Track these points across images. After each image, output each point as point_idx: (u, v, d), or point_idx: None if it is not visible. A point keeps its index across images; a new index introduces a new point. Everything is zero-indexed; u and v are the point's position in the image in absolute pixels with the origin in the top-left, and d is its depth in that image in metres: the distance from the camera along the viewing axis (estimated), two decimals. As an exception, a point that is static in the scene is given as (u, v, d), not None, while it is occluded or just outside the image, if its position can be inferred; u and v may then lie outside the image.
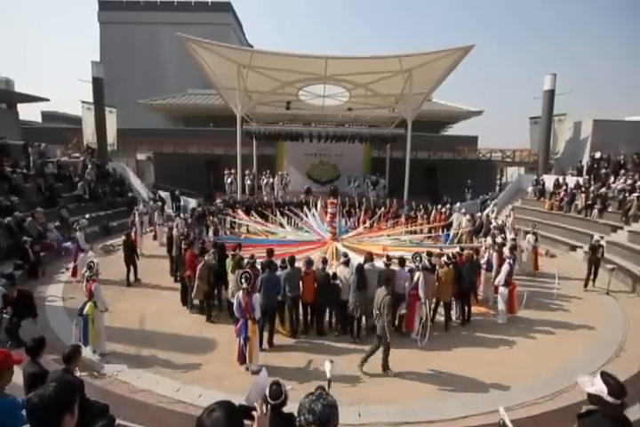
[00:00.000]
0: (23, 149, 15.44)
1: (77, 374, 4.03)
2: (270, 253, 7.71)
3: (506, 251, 8.91)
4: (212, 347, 6.63)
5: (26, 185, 13.41)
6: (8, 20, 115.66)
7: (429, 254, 8.02)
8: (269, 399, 2.52)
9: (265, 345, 6.61)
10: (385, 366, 5.94)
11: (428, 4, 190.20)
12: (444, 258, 7.84)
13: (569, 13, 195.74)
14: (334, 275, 7.16)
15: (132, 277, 9.77)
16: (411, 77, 18.04)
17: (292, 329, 7.18)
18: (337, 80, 19.06)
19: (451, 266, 7.64)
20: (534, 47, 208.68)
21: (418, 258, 7.33)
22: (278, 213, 15.79)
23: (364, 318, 7.13)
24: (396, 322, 7.30)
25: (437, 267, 7.66)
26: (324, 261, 7.50)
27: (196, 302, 8.11)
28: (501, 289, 7.88)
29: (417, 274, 6.99)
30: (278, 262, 7.40)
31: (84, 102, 20.66)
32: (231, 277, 7.32)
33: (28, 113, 60.88)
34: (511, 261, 8.12)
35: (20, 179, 13.43)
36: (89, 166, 17.34)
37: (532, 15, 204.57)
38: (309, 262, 7.25)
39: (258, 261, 7.57)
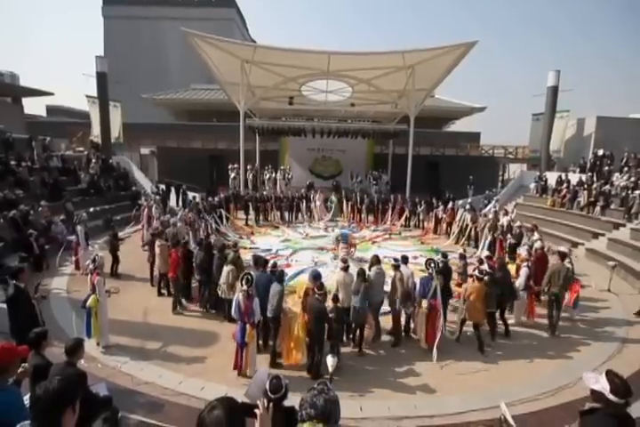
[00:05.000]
0: (28, 142, 15.47)
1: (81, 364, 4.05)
2: (268, 264, 7.01)
3: (523, 253, 8.47)
4: (214, 340, 6.68)
5: (30, 179, 13.43)
6: (14, 15, 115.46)
7: (444, 256, 7.58)
8: (270, 393, 2.52)
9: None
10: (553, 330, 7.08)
11: (431, 1, 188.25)
12: (476, 272, 6.60)
13: (573, 11, 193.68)
14: (336, 297, 6.08)
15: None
16: (413, 73, 17.97)
17: (274, 356, 5.98)
18: (340, 76, 19.01)
19: (486, 278, 6.54)
20: (538, 44, 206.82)
21: (432, 264, 6.64)
22: (275, 208, 15.93)
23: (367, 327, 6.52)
24: (404, 324, 6.96)
25: (454, 269, 7.21)
26: (322, 290, 5.59)
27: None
28: (520, 293, 7.44)
29: (433, 283, 6.42)
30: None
31: (88, 97, 20.66)
32: (224, 270, 6.96)
33: (33, 107, 61.00)
34: (529, 264, 7.71)
35: (24, 172, 13.46)
36: (93, 160, 17.38)
37: (536, 12, 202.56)
38: (317, 276, 6.00)
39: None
